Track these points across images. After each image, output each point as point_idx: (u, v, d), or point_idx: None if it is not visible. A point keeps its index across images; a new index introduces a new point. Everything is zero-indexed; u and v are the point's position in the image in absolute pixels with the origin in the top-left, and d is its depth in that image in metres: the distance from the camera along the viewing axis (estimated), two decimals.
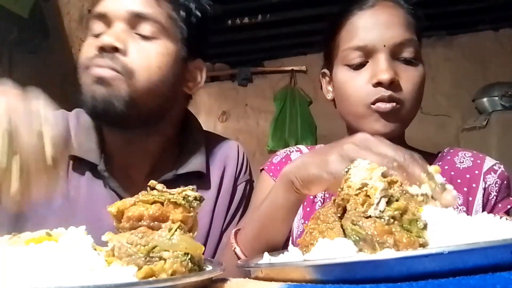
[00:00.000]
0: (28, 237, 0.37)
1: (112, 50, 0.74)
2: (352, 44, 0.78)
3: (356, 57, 0.78)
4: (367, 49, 0.77)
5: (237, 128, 4.35)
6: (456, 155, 0.87)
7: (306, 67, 4.13)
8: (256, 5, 3.11)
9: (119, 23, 0.76)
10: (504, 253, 0.32)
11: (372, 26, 0.77)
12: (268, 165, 0.93)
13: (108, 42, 0.73)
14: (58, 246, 0.35)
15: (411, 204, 0.41)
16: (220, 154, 0.93)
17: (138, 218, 0.37)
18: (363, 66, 0.78)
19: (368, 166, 0.43)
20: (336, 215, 0.44)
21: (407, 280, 0.32)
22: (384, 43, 0.76)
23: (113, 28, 0.76)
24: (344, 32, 0.81)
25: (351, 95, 0.79)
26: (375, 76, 0.75)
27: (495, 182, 0.82)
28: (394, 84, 0.75)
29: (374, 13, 0.79)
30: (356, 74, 0.78)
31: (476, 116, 3.25)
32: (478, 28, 3.58)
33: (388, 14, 0.78)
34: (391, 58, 0.76)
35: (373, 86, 0.76)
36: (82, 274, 0.32)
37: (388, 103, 0.75)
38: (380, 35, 0.76)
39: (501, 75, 3.34)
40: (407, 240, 0.37)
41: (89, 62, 0.75)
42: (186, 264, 0.35)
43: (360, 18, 0.79)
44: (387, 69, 0.74)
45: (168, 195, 0.39)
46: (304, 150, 0.95)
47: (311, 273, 0.37)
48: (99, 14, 0.78)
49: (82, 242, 0.36)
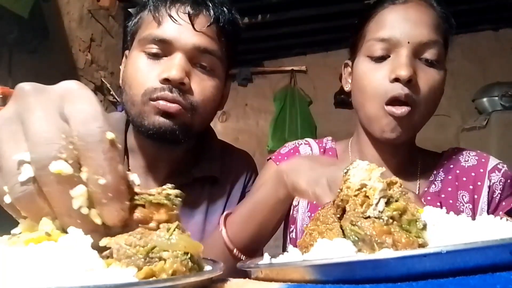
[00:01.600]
0: (28, 237, 0.37)
1: (178, 84, 0.75)
2: (377, 35, 0.78)
3: (379, 48, 0.77)
4: (390, 42, 0.76)
5: (237, 128, 4.35)
6: (461, 154, 0.89)
7: (306, 67, 4.14)
8: (256, 5, 3.11)
9: (181, 54, 0.77)
10: (503, 253, 0.32)
11: (400, 21, 0.77)
12: (276, 155, 0.95)
13: (178, 78, 0.74)
14: (57, 246, 0.35)
15: (410, 205, 0.41)
16: (233, 162, 0.97)
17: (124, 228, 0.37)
18: (385, 59, 0.77)
19: (367, 166, 0.43)
20: (336, 216, 0.44)
21: (406, 280, 0.32)
22: (408, 39, 0.75)
23: (176, 60, 0.76)
24: (372, 24, 0.81)
25: (368, 88, 0.78)
26: (393, 71, 0.74)
27: (499, 181, 0.83)
28: (412, 82, 0.73)
29: (405, 9, 0.78)
30: (377, 66, 0.78)
31: (476, 116, 3.25)
32: (478, 28, 3.58)
33: (419, 12, 0.77)
34: (414, 56, 0.75)
35: (390, 81, 0.75)
36: (82, 274, 0.32)
37: (401, 106, 0.74)
38: (406, 31, 0.75)
39: (501, 75, 3.34)
40: (406, 240, 0.37)
41: (154, 93, 0.76)
42: (186, 263, 0.35)
43: (390, 11, 0.79)
44: (407, 66, 0.73)
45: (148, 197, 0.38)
46: (313, 144, 0.96)
47: (310, 273, 0.37)
48: (161, 39, 0.77)
49: (81, 242, 0.36)
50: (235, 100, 4.36)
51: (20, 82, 0.35)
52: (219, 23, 0.80)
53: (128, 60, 0.83)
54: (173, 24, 0.77)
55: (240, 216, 0.70)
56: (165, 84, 0.75)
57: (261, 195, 0.68)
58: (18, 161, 0.31)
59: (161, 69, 0.77)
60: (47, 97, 0.32)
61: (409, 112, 0.74)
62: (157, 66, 0.78)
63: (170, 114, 0.76)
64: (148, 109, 0.76)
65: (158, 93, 0.75)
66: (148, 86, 0.76)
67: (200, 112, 0.80)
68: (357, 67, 0.82)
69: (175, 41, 0.77)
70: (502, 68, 3.49)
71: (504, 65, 3.50)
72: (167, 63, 0.77)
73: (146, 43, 0.78)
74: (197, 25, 0.78)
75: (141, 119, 0.78)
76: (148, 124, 0.77)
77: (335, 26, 3.34)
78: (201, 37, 0.78)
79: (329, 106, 3.85)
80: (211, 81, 0.81)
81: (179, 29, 0.77)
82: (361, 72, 0.80)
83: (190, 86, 0.77)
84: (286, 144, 0.98)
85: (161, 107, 0.75)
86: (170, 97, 0.75)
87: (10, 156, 0.31)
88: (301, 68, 4.16)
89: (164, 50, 0.78)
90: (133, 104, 0.79)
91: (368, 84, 0.78)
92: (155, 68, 0.77)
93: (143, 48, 0.79)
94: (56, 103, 0.32)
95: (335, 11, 3.13)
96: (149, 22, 0.80)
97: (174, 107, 0.75)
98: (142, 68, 0.78)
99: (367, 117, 0.79)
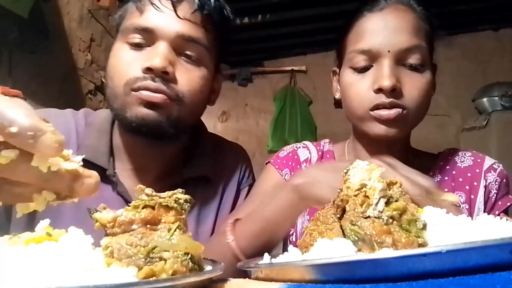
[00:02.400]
0: (28, 237, 0.37)
1: (161, 74, 0.72)
2: (358, 47, 0.77)
3: (361, 60, 0.77)
4: (371, 53, 0.75)
5: (237, 128, 4.35)
6: (457, 155, 0.89)
7: (306, 67, 4.14)
8: (256, 5, 3.11)
9: (165, 43, 0.74)
10: (503, 252, 0.32)
11: (378, 30, 0.76)
12: (274, 158, 0.94)
13: (161, 66, 0.71)
14: (58, 246, 0.35)
15: (410, 205, 0.41)
16: (226, 159, 0.94)
17: (130, 223, 0.37)
18: (368, 69, 0.77)
19: (367, 167, 0.43)
20: (336, 216, 0.44)
21: (406, 280, 0.32)
22: (389, 48, 0.74)
23: (159, 49, 0.74)
24: (352, 34, 0.81)
25: (353, 99, 0.78)
26: (376, 82, 0.74)
27: (495, 180, 0.84)
28: (396, 91, 0.73)
29: (383, 16, 0.77)
30: (360, 77, 0.77)
31: (476, 116, 3.25)
32: (478, 28, 3.58)
33: (397, 18, 0.76)
34: (396, 64, 0.75)
35: (374, 92, 0.74)
36: (82, 274, 0.32)
37: (390, 109, 0.73)
38: (385, 40, 0.74)
39: (501, 75, 3.34)
40: (406, 240, 0.37)
41: (135, 82, 0.73)
42: (186, 263, 0.35)
43: (368, 20, 0.78)
44: (389, 76, 0.72)
45: (158, 199, 0.39)
46: (311, 147, 0.96)
47: (310, 273, 0.37)
48: (143, 28, 0.74)
49: (82, 242, 0.36)
50: (235, 100, 4.36)
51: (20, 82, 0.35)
52: (204, 10, 0.77)
53: (111, 53, 0.79)
54: (155, 12, 0.74)
55: (251, 230, 0.68)
56: (147, 73, 0.72)
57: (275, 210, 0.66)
58: None
59: (144, 58, 0.74)
60: None
61: (400, 114, 0.73)
62: (140, 56, 0.75)
63: (154, 105, 0.72)
64: (130, 100, 0.73)
65: (140, 83, 0.72)
66: (130, 76, 0.73)
67: (187, 104, 0.76)
68: (342, 78, 0.82)
69: (158, 30, 0.74)
70: (502, 68, 3.49)
71: (504, 65, 3.50)
72: (150, 53, 0.74)
73: (129, 33, 0.75)
74: (181, 12, 0.75)
75: (123, 112, 0.74)
76: (131, 116, 0.73)
77: (335, 26, 3.31)
78: (185, 24, 0.75)
79: (329, 106, 3.83)
80: (197, 71, 0.78)
81: (162, 17, 0.74)
82: (346, 84, 0.80)
83: (174, 75, 0.74)
84: (284, 148, 0.97)
85: (144, 97, 0.72)
86: (153, 86, 0.72)
87: None
88: (301, 68, 4.16)
89: (147, 39, 0.75)
90: (115, 97, 0.75)
91: (353, 95, 0.78)
92: (138, 58, 0.74)
93: (126, 39, 0.76)
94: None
95: (335, 11, 3.13)
96: (131, 12, 0.77)
97: (158, 97, 0.72)
98: (124, 58, 0.75)
99: (358, 121, 0.80)
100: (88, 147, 0.80)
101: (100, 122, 0.85)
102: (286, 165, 0.92)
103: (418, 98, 0.75)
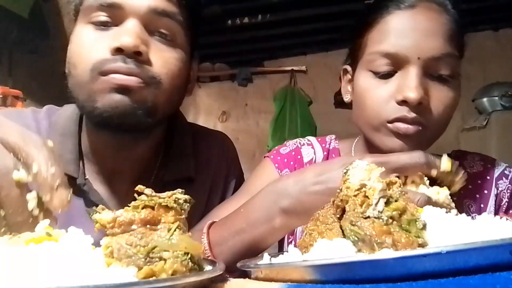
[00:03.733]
0: (28, 237, 0.37)
1: (133, 55, 0.63)
2: (381, 48, 0.67)
3: (384, 64, 0.67)
4: (397, 58, 0.66)
5: (237, 128, 4.35)
6: (465, 159, 0.83)
7: (306, 67, 4.14)
8: (256, 5, 3.11)
9: (135, 20, 0.65)
10: (503, 253, 0.32)
11: (408, 31, 0.66)
12: (275, 155, 0.85)
13: (132, 45, 0.63)
14: (58, 246, 0.35)
15: (410, 205, 0.41)
16: (209, 154, 0.87)
17: (129, 223, 0.37)
18: (391, 76, 0.67)
19: (366, 167, 0.43)
20: (335, 216, 0.44)
21: (406, 280, 0.32)
22: (418, 55, 0.64)
23: (129, 26, 0.64)
24: (375, 32, 0.70)
25: (370, 107, 0.69)
26: (401, 92, 0.64)
27: (507, 188, 0.78)
28: (422, 106, 0.64)
29: (413, 16, 0.67)
30: (381, 84, 0.68)
31: (476, 116, 3.24)
32: (478, 28, 3.58)
33: (430, 20, 0.66)
34: (424, 73, 0.65)
35: (397, 103, 0.65)
36: (82, 274, 0.32)
37: (410, 124, 0.65)
38: (415, 44, 0.64)
39: (501, 75, 3.34)
40: (406, 240, 0.37)
41: (104, 65, 0.63)
42: (186, 263, 0.35)
43: (395, 18, 0.68)
44: (417, 88, 0.63)
45: (158, 199, 0.39)
46: (316, 144, 0.88)
47: (310, 273, 0.37)
48: (109, 3, 0.65)
49: (82, 242, 0.36)
50: (235, 100, 4.36)
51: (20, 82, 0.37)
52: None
53: (71, 37, 0.70)
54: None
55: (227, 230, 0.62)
56: (117, 55, 0.63)
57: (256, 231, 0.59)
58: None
59: (112, 38, 0.64)
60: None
61: (417, 131, 0.65)
62: (107, 36, 0.65)
63: (127, 89, 0.63)
64: (99, 87, 0.63)
65: (109, 65, 0.63)
66: (96, 59, 0.64)
67: (165, 88, 0.67)
68: (358, 81, 0.73)
69: (127, 4, 0.64)
70: (502, 68, 3.49)
71: (504, 65, 3.50)
72: (118, 31, 0.65)
73: (92, 11, 0.66)
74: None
75: (92, 102, 0.64)
76: (102, 105, 0.63)
77: (335, 26, 3.34)
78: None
79: (329, 106, 3.85)
80: (173, 52, 0.69)
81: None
82: (363, 88, 0.70)
83: (148, 56, 0.65)
84: (286, 143, 0.88)
85: (115, 81, 0.62)
86: (125, 68, 0.63)
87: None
88: (301, 68, 4.15)
89: (114, 17, 0.65)
90: (80, 86, 0.65)
91: (371, 103, 0.69)
92: (104, 38, 0.65)
93: (89, 19, 0.66)
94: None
95: (335, 11, 3.13)
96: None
97: (131, 79, 0.63)
98: (88, 40, 0.65)
99: (369, 130, 0.71)
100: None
101: (64, 123, 0.75)
102: (287, 165, 0.84)
103: (443, 115, 0.67)
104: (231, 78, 4.36)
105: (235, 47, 3.84)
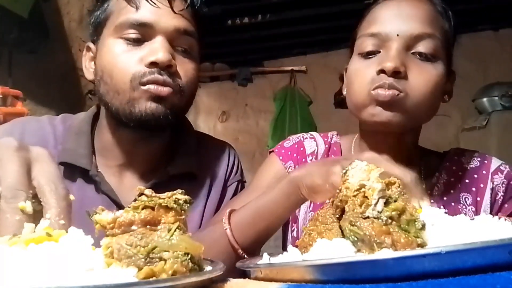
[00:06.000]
0: (28, 237, 0.37)
1: (165, 67, 0.75)
2: (368, 31, 0.76)
3: (369, 44, 0.75)
4: (380, 37, 0.73)
5: (237, 128, 4.35)
6: (463, 156, 0.88)
7: (306, 67, 4.14)
8: (256, 5, 3.11)
9: (162, 37, 0.76)
10: (502, 253, 0.32)
11: (391, 16, 0.74)
12: (279, 148, 0.92)
13: (166, 60, 0.74)
14: (58, 246, 0.35)
15: (409, 205, 0.41)
16: (212, 156, 0.94)
17: (129, 224, 0.37)
18: (375, 55, 0.75)
19: (366, 167, 0.43)
20: (335, 216, 0.44)
21: (406, 280, 0.32)
22: (398, 33, 0.72)
23: (161, 43, 0.75)
24: (364, 22, 0.79)
25: (357, 83, 0.76)
26: (380, 63, 0.72)
27: (502, 182, 0.82)
28: (399, 75, 0.70)
29: (398, 4, 0.75)
30: (367, 62, 0.75)
31: (476, 116, 3.25)
32: (478, 28, 3.58)
33: (412, 7, 0.74)
34: (405, 50, 0.72)
35: (376, 73, 0.72)
36: (82, 274, 0.32)
37: (388, 89, 0.70)
38: (396, 25, 0.73)
39: (501, 75, 3.34)
40: (405, 240, 0.37)
41: (143, 77, 0.74)
42: (186, 264, 0.35)
43: (382, 7, 0.77)
44: (394, 58, 0.70)
45: (158, 200, 0.39)
46: (318, 138, 0.93)
47: (310, 273, 0.37)
48: (141, 23, 0.76)
49: (82, 242, 0.36)
50: (235, 100, 4.36)
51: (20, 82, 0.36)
52: (194, 5, 0.82)
53: (102, 49, 0.80)
54: (151, 7, 0.76)
55: (246, 218, 0.69)
56: (152, 68, 0.74)
57: (270, 200, 0.67)
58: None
59: (145, 53, 0.75)
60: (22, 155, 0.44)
61: (396, 96, 0.70)
62: (139, 51, 0.76)
63: (161, 98, 0.75)
64: (138, 95, 0.74)
65: (148, 77, 0.74)
66: (135, 71, 0.75)
67: (187, 95, 0.80)
68: (349, 66, 0.80)
69: (156, 24, 0.76)
70: (502, 68, 3.49)
71: (504, 65, 3.50)
72: (150, 47, 0.76)
73: (124, 29, 0.76)
74: (175, 7, 0.78)
75: (130, 107, 0.75)
76: (140, 111, 0.75)
77: (335, 26, 3.34)
78: (180, 19, 0.78)
79: (329, 106, 3.85)
80: (192, 63, 0.81)
81: (158, 12, 0.76)
82: (352, 70, 0.78)
83: (176, 68, 0.77)
84: (290, 137, 0.95)
85: (153, 91, 0.74)
86: (161, 80, 0.74)
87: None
88: (301, 68, 4.16)
89: (144, 34, 0.76)
90: (117, 93, 0.76)
91: (357, 79, 0.76)
92: (136, 53, 0.76)
93: (120, 35, 0.77)
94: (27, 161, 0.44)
95: (335, 11, 3.13)
96: (123, 8, 0.78)
97: (166, 90, 0.75)
98: (122, 54, 0.76)
99: (357, 109, 0.77)
100: (68, 151, 0.81)
101: (78, 125, 0.87)
102: (291, 157, 0.90)
103: (422, 86, 0.71)
104: (231, 78, 4.36)
105: (235, 47, 3.84)
